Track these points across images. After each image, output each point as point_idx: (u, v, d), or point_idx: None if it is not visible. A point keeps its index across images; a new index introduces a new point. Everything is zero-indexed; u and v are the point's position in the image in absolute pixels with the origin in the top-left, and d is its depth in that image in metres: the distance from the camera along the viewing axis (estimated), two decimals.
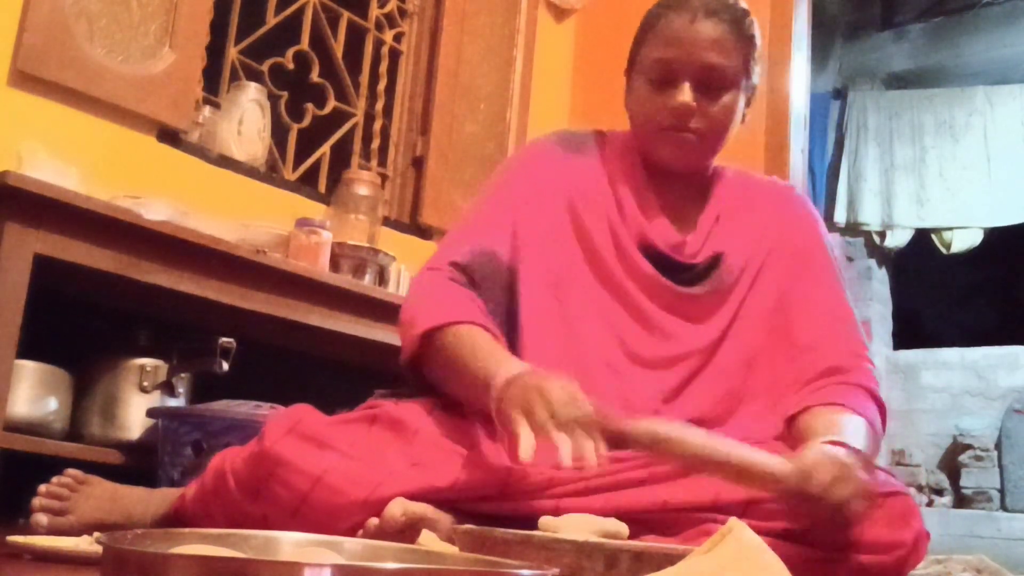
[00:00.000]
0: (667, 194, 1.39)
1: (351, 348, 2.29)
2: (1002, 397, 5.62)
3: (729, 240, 1.37)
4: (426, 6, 3.19)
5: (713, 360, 1.32)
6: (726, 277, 1.35)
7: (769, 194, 1.44)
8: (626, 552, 0.83)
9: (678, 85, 1.30)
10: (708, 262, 1.35)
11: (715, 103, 1.31)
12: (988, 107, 5.80)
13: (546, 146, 1.43)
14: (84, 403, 2.01)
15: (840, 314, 1.34)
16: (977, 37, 5.75)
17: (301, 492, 1.10)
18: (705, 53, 1.29)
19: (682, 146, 1.33)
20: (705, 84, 1.30)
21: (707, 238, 1.37)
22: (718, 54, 1.29)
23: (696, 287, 1.34)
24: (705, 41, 1.29)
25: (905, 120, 6.00)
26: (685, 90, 1.29)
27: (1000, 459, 5.48)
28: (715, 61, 1.29)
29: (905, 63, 6.06)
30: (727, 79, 1.31)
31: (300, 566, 0.54)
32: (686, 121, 1.31)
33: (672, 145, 1.33)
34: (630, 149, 1.41)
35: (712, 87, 1.31)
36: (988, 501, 5.43)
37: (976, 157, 5.77)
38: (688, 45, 1.29)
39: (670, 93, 1.30)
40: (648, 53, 1.33)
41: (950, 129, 5.87)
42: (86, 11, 2.15)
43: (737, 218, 1.39)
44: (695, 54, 1.29)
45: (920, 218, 5.89)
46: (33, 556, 1.21)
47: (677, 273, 1.34)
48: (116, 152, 2.21)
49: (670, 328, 1.32)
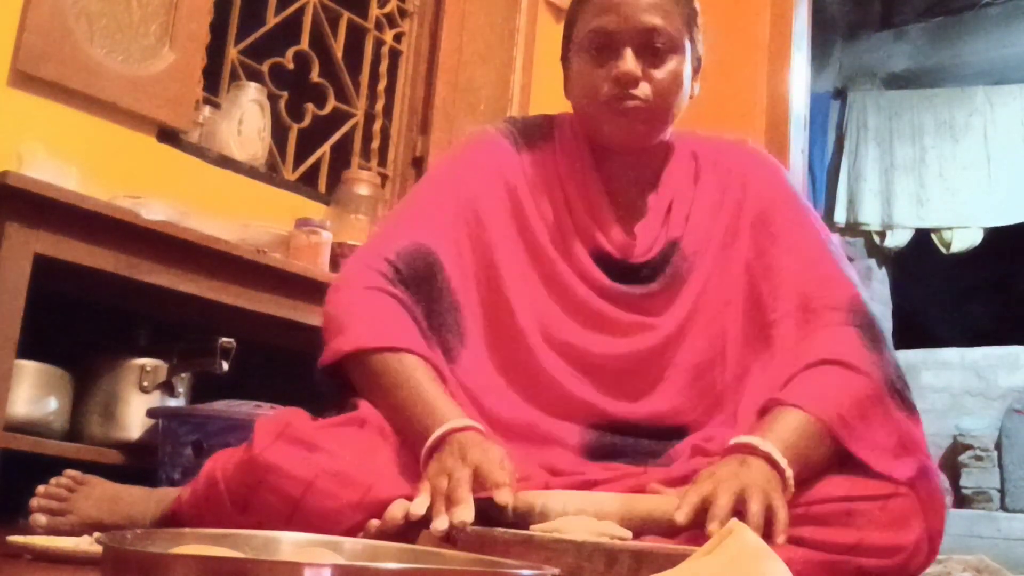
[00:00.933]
0: (618, 183, 1.33)
1: None
2: (1002, 397, 5.62)
3: (683, 225, 1.31)
4: (426, 6, 3.19)
5: (679, 353, 1.27)
6: (681, 265, 1.29)
7: (722, 160, 1.35)
8: (626, 552, 0.83)
9: (619, 53, 1.23)
10: (662, 253, 1.30)
11: (660, 68, 1.24)
12: (988, 107, 5.80)
13: (493, 138, 1.35)
14: (84, 403, 2.01)
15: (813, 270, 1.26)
16: (977, 37, 5.75)
17: (293, 498, 1.08)
18: (644, 15, 1.22)
19: (628, 116, 1.24)
20: (648, 49, 1.23)
21: (660, 228, 1.31)
22: (657, 16, 1.23)
23: (652, 284, 1.29)
24: (642, 3, 1.22)
25: (905, 120, 6.00)
26: (627, 56, 1.22)
27: (1000, 459, 5.48)
28: (655, 23, 1.22)
29: (905, 63, 6.06)
30: (670, 42, 1.24)
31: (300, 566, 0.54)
32: (631, 88, 1.23)
33: (618, 117, 1.25)
34: (577, 136, 1.34)
35: (655, 52, 1.23)
36: (988, 501, 5.43)
37: (976, 157, 5.77)
38: (625, 9, 1.22)
39: (612, 64, 1.23)
40: (583, 27, 1.27)
41: (950, 129, 5.87)
42: (86, 11, 2.14)
43: (691, 199, 1.33)
44: (633, 17, 1.22)
45: (920, 218, 5.89)
46: (33, 556, 1.21)
47: (632, 273, 1.29)
48: (116, 152, 2.21)
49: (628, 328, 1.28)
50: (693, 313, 1.29)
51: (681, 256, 1.30)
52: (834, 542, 1.05)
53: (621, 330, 1.28)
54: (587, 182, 1.32)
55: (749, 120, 3.08)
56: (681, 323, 1.28)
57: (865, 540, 1.05)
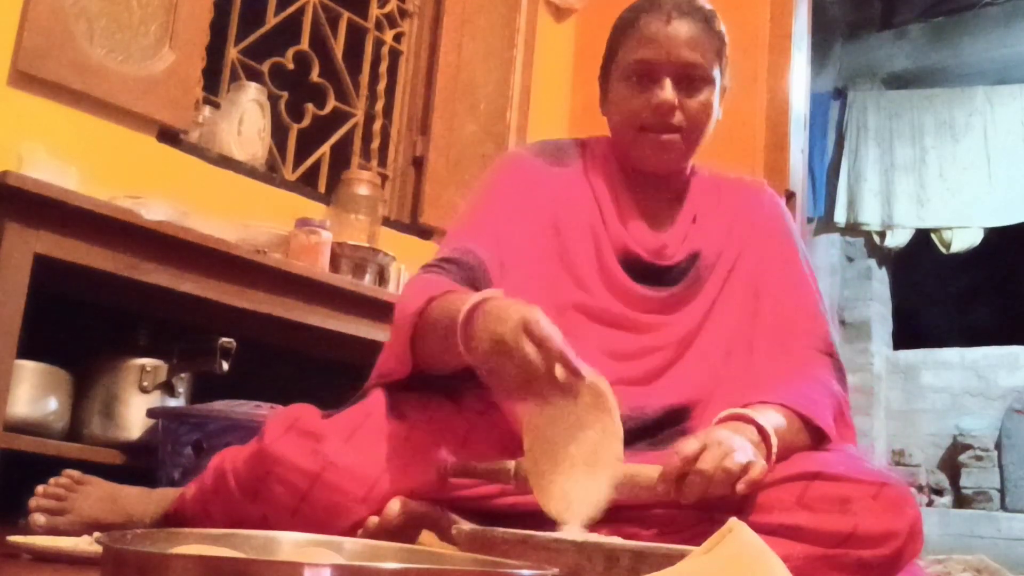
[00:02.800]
0: (646, 198, 1.42)
1: (351, 348, 2.29)
2: (1002, 397, 5.62)
3: (705, 238, 1.42)
4: (426, 6, 3.19)
5: (692, 348, 1.36)
6: (703, 273, 1.40)
7: (740, 192, 1.48)
8: (626, 552, 0.83)
9: (659, 83, 1.33)
10: (686, 261, 1.40)
11: (694, 100, 1.35)
12: (988, 107, 5.80)
13: (527, 159, 1.44)
14: (84, 403, 2.01)
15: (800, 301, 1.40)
16: (977, 37, 5.75)
17: (301, 490, 1.10)
18: (683, 51, 1.33)
19: (664, 146, 1.36)
20: (684, 82, 1.34)
21: (685, 238, 1.41)
22: (694, 51, 1.33)
23: (676, 287, 1.38)
24: (682, 39, 1.33)
25: (905, 120, 6.00)
26: (667, 87, 1.33)
27: (1000, 459, 5.48)
28: (692, 58, 1.33)
29: (905, 63, 6.06)
30: (704, 76, 1.35)
31: (300, 566, 0.54)
32: (669, 118, 1.34)
33: (654, 146, 1.36)
34: (609, 155, 1.45)
35: (691, 84, 1.34)
36: (988, 501, 5.43)
37: (976, 157, 5.77)
38: (666, 43, 1.33)
39: (652, 91, 1.34)
40: (626, 55, 1.36)
41: (950, 129, 5.87)
42: (86, 11, 2.15)
43: (711, 216, 1.44)
44: (674, 52, 1.32)
45: (920, 218, 5.89)
46: (32, 556, 1.21)
47: (658, 276, 1.38)
48: (116, 152, 2.21)
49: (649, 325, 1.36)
50: (708, 315, 1.38)
51: (702, 265, 1.40)
52: (830, 530, 1.07)
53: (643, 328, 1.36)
54: (619, 195, 1.42)
55: (749, 120, 3.08)
56: (698, 322, 1.37)
57: (860, 527, 1.07)
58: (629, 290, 1.36)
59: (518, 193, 1.39)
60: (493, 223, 1.35)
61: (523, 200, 1.38)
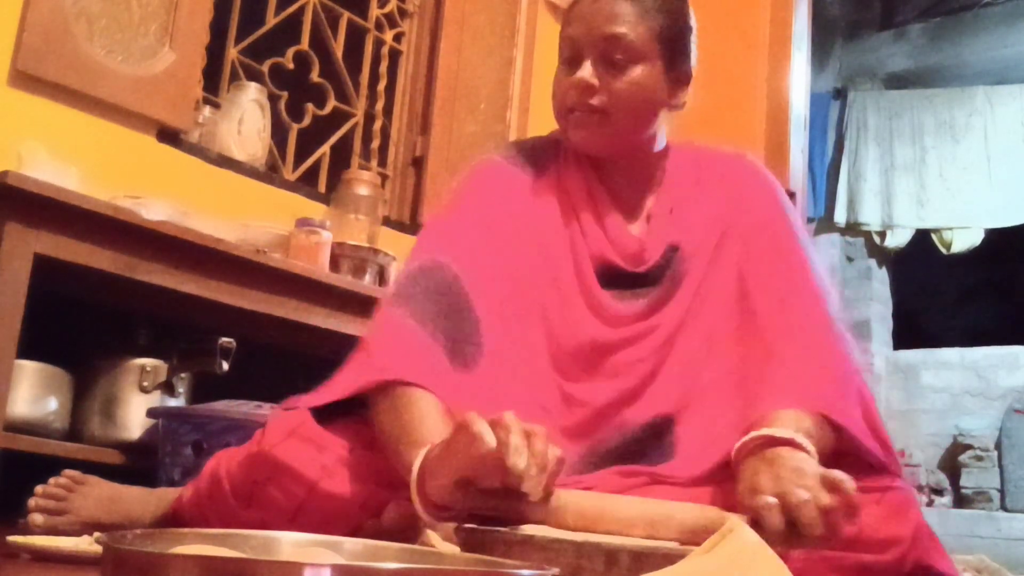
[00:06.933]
0: (619, 187, 1.36)
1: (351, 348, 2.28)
2: (1002, 397, 5.62)
3: (684, 230, 1.34)
4: (426, 6, 3.19)
5: (673, 351, 1.29)
6: (681, 267, 1.32)
7: (722, 170, 1.39)
8: (626, 552, 0.83)
9: (582, 63, 1.27)
10: (664, 257, 1.33)
11: (619, 78, 1.27)
12: (988, 107, 5.80)
13: (499, 166, 1.39)
14: (84, 403, 2.01)
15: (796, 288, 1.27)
16: (977, 37, 5.75)
17: (299, 497, 1.09)
18: (604, 25, 1.26)
19: (586, 125, 1.29)
20: (608, 59, 1.27)
21: (662, 232, 1.34)
22: (619, 26, 1.26)
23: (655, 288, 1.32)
24: (604, 13, 1.27)
25: (905, 120, 6.00)
26: (585, 66, 1.26)
27: (1000, 459, 5.48)
28: (614, 31, 1.26)
29: (905, 63, 6.06)
30: (633, 52, 1.26)
31: (300, 566, 0.54)
32: (586, 97, 1.27)
33: (576, 125, 1.30)
34: None
35: (616, 61, 1.27)
36: (988, 501, 5.43)
37: (976, 157, 5.77)
38: (589, 18, 1.27)
39: (575, 72, 1.28)
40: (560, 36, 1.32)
41: (950, 129, 5.87)
42: (86, 11, 2.14)
43: (690, 204, 1.36)
44: (594, 27, 1.26)
45: (920, 218, 5.89)
46: (32, 556, 1.21)
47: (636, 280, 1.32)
48: (116, 152, 2.21)
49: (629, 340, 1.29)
50: (688, 312, 1.31)
51: (680, 258, 1.33)
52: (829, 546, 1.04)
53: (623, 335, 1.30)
54: (593, 191, 1.36)
55: (749, 120, 3.08)
56: (677, 322, 1.30)
57: (865, 532, 1.05)
58: (608, 308, 1.31)
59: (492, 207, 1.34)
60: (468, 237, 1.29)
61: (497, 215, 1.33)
